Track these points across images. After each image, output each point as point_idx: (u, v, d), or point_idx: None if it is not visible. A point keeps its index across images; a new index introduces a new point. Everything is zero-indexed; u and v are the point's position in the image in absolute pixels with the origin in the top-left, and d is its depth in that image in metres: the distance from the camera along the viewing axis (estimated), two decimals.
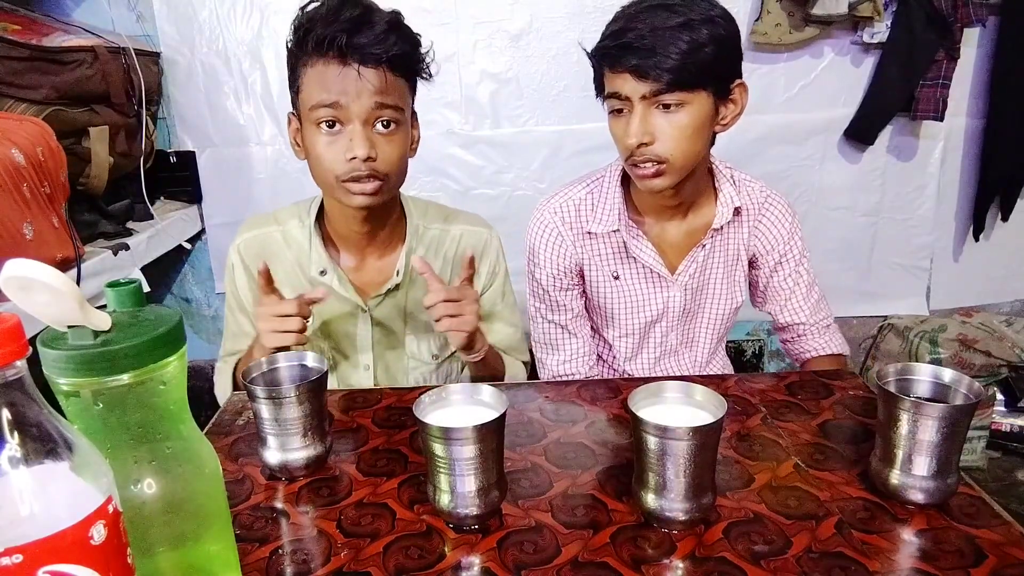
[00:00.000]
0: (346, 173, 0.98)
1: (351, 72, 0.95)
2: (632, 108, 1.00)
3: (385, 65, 0.96)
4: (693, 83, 0.97)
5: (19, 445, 0.38)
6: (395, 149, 1.01)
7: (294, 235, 1.14)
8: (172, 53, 2.07)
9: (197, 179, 2.17)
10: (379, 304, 1.13)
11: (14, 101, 1.48)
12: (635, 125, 0.99)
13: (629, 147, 1.01)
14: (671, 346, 1.25)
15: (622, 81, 0.99)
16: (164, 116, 2.14)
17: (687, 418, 0.67)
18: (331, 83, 0.96)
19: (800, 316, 1.23)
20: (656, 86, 0.96)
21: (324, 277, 1.11)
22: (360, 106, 0.96)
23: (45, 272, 0.43)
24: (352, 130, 0.97)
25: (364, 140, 0.97)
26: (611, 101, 1.03)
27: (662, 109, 0.99)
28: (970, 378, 0.71)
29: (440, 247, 1.17)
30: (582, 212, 1.18)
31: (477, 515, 0.67)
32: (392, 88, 0.98)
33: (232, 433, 0.89)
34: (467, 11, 2.04)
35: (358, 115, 0.96)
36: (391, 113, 0.99)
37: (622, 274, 1.19)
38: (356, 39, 0.94)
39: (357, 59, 0.95)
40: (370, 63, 0.95)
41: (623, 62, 0.97)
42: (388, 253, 1.15)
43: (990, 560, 0.62)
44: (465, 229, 1.19)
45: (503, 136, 2.15)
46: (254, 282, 1.15)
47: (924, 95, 2.04)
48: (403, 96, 1.01)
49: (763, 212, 1.19)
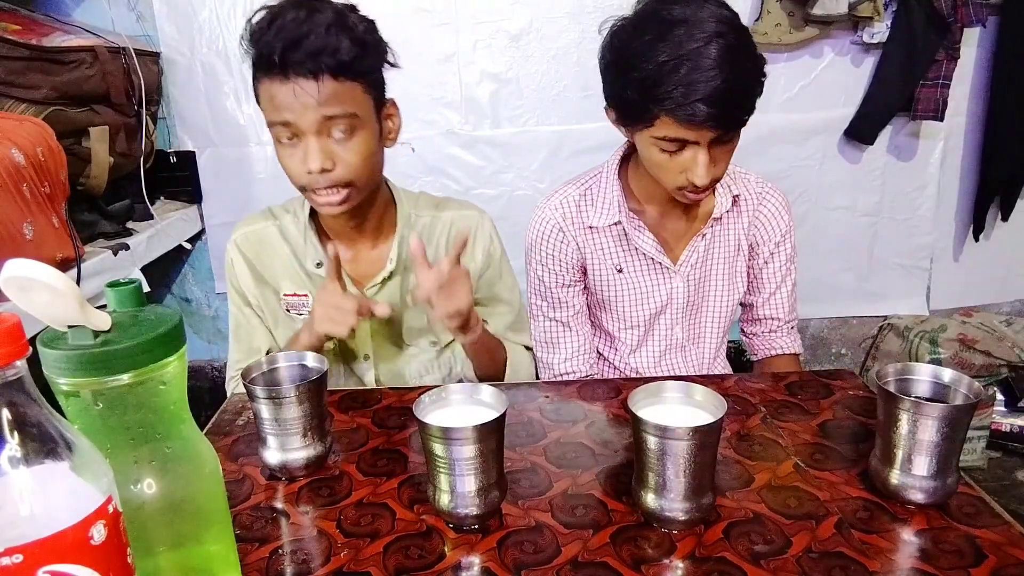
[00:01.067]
0: (308, 184, 0.99)
1: (293, 88, 0.93)
2: (695, 149, 0.98)
3: (327, 74, 0.93)
4: (751, 112, 0.99)
5: (19, 445, 0.38)
6: (355, 155, 0.99)
7: (289, 230, 1.15)
8: (172, 53, 2.07)
9: (197, 179, 2.17)
10: (376, 294, 1.14)
11: (14, 101, 1.48)
12: (704, 167, 0.98)
13: (696, 185, 1.00)
14: (677, 340, 1.26)
15: (693, 131, 0.96)
16: (164, 116, 2.14)
17: (687, 418, 0.67)
18: (278, 101, 0.95)
19: (779, 312, 1.26)
20: (729, 129, 0.97)
21: (320, 269, 1.12)
22: (307, 121, 0.95)
23: (45, 272, 0.43)
24: (306, 144, 0.97)
25: (317, 153, 0.96)
26: (667, 144, 0.99)
27: (720, 144, 0.99)
28: (970, 378, 0.71)
29: (432, 234, 1.17)
30: (582, 207, 1.18)
31: (477, 515, 0.67)
32: (340, 96, 0.95)
33: (232, 433, 0.89)
34: (467, 11, 2.03)
35: (308, 129, 0.96)
36: (343, 122, 0.97)
37: (625, 266, 1.19)
38: (292, 54, 0.92)
39: (296, 73, 0.93)
40: (309, 76, 0.93)
41: (702, 115, 0.93)
42: (381, 243, 1.16)
43: (990, 560, 0.62)
44: (456, 214, 1.19)
45: (503, 136, 2.15)
46: (257, 275, 1.16)
47: (924, 95, 2.04)
48: (356, 99, 0.98)
49: (761, 202, 1.21)
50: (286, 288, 1.15)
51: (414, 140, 2.14)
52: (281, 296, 1.16)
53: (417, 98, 2.10)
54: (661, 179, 1.06)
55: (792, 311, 1.26)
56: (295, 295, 1.15)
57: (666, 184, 1.05)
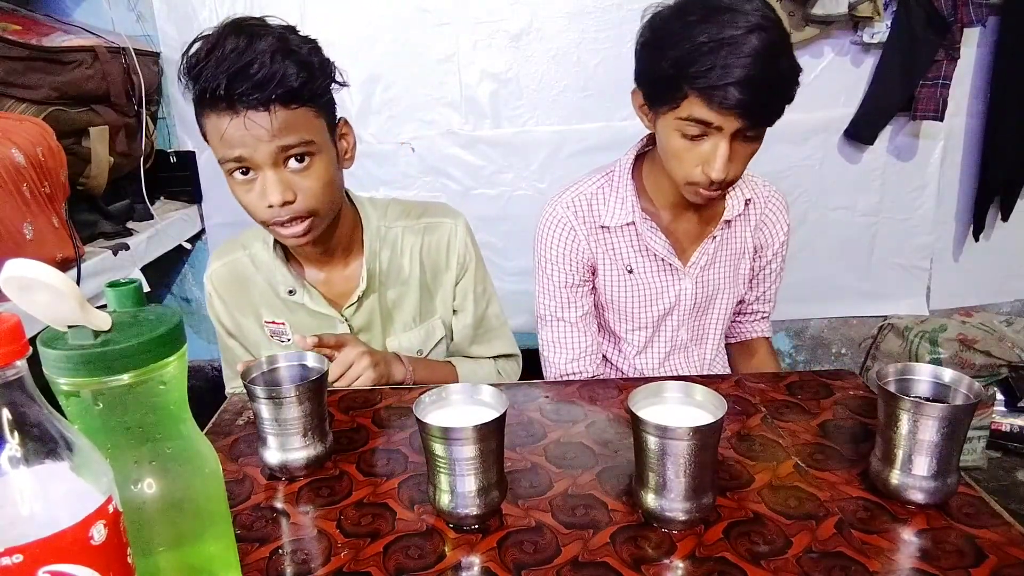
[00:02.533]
0: (269, 219, 0.98)
1: (243, 121, 0.90)
2: (717, 138, 0.98)
3: (278, 103, 0.90)
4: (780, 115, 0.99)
5: (19, 445, 0.38)
6: (314, 183, 0.96)
7: (261, 257, 1.13)
8: (172, 53, 2.06)
9: (197, 179, 2.17)
10: (355, 312, 1.14)
11: (14, 101, 1.48)
12: (723, 159, 0.98)
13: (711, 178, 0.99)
14: (682, 341, 1.26)
15: (720, 116, 0.95)
16: (164, 116, 2.14)
17: (687, 418, 0.67)
18: (228, 136, 0.91)
19: (767, 306, 1.33)
20: (755, 122, 0.97)
21: (294, 296, 1.11)
22: (263, 154, 0.92)
23: (45, 272, 0.43)
24: (263, 178, 0.94)
25: (276, 185, 0.93)
26: (690, 126, 0.98)
27: (743, 139, 0.99)
28: (970, 378, 0.70)
29: (404, 246, 1.16)
30: (594, 206, 1.18)
31: (477, 515, 0.67)
32: (293, 124, 0.92)
33: (232, 433, 0.89)
34: (467, 11, 2.03)
35: (264, 162, 0.93)
36: (299, 149, 0.94)
37: (636, 267, 1.19)
38: (237, 86, 0.87)
39: (244, 106, 0.89)
40: (259, 108, 0.89)
41: (731, 100, 0.93)
42: (352, 260, 1.15)
43: (990, 560, 0.62)
44: (427, 223, 1.17)
45: (503, 136, 2.15)
46: (233, 308, 1.16)
47: (924, 95, 2.04)
48: (309, 125, 0.94)
49: (768, 206, 1.22)
50: (266, 315, 1.15)
51: (414, 140, 2.14)
52: (263, 323, 1.16)
53: (417, 98, 2.10)
54: (676, 172, 1.05)
55: (774, 303, 1.33)
56: (274, 322, 1.15)
57: (680, 177, 1.04)
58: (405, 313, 1.18)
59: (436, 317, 1.20)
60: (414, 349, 1.19)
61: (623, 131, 1.97)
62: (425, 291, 1.18)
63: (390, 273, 1.15)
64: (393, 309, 1.17)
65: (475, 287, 1.21)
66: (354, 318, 1.14)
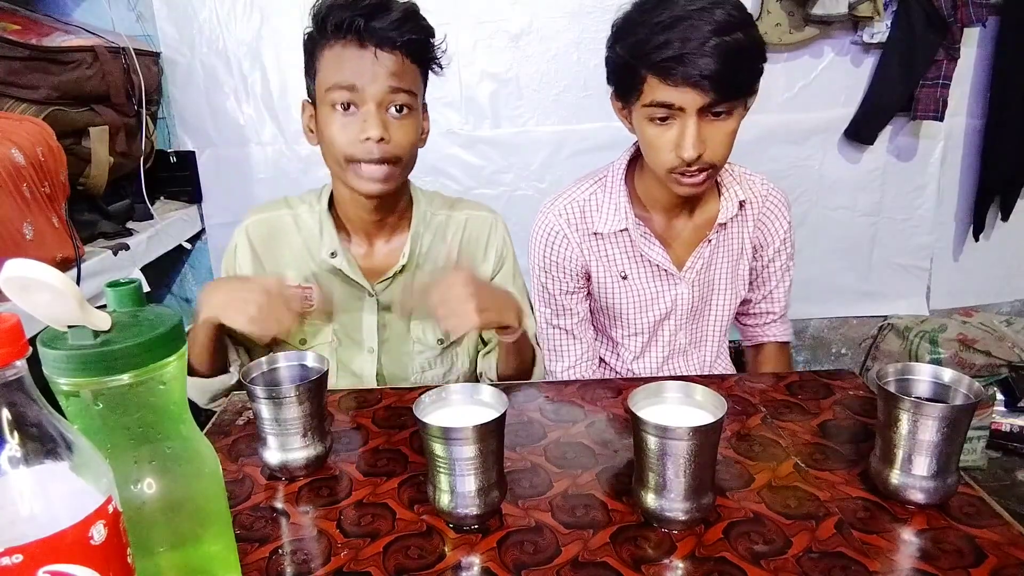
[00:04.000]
0: (359, 154, 1.01)
1: (368, 55, 0.98)
2: (684, 118, 0.98)
3: (401, 50, 0.99)
4: (744, 90, 0.98)
5: (19, 445, 0.38)
6: (407, 134, 1.03)
7: (305, 219, 1.15)
8: (172, 53, 2.07)
9: (197, 179, 2.17)
10: (386, 288, 1.14)
11: (14, 101, 1.48)
12: (692, 138, 0.98)
13: (685, 160, 0.99)
14: (680, 345, 1.25)
15: (677, 93, 0.96)
16: (164, 116, 2.13)
17: (687, 418, 0.67)
18: (348, 65, 0.98)
19: (776, 307, 1.28)
20: (715, 96, 0.95)
21: (334, 259, 1.12)
22: (375, 88, 0.98)
23: (45, 272, 0.43)
24: (366, 112, 0.99)
25: (378, 121, 0.99)
26: (655, 110, 1.00)
27: (712, 117, 0.99)
28: (970, 378, 0.70)
29: (446, 232, 1.18)
30: (587, 213, 1.17)
31: (477, 515, 0.67)
32: (407, 73, 1.01)
33: (232, 433, 0.89)
34: (467, 11, 2.03)
35: (373, 97, 0.99)
36: (405, 97, 1.01)
37: (630, 273, 1.19)
38: (373, 23, 0.97)
39: (374, 42, 0.97)
40: (386, 47, 0.98)
41: (680, 73, 0.94)
42: (395, 238, 1.16)
43: (990, 560, 0.62)
44: (470, 215, 1.20)
45: (503, 136, 2.15)
46: (264, 261, 1.15)
47: (924, 95, 2.04)
48: (416, 82, 1.03)
49: (766, 205, 1.20)
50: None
51: None
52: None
53: None
54: (655, 163, 1.05)
55: (786, 304, 1.29)
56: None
57: (659, 167, 1.04)
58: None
59: None
60: (437, 337, 1.19)
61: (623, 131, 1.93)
62: None
63: (428, 257, 1.16)
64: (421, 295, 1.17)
65: (514, 280, 1.22)
66: (383, 294, 1.15)
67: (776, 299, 1.28)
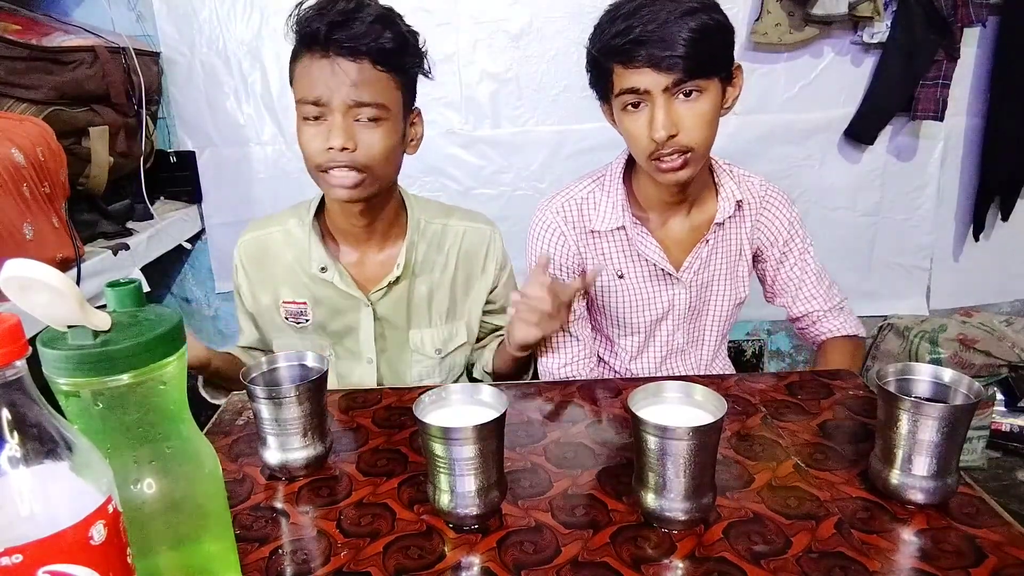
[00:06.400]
0: (324, 163, 1.00)
1: (330, 65, 0.97)
2: (652, 101, 0.99)
3: (367, 59, 0.97)
4: (709, 69, 0.98)
5: (19, 445, 0.38)
6: (377, 141, 1.01)
7: (294, 233, 1.15)
8: (172, 53, 2.07)
9: (197, 179, 2.17)
10: (381, 298, 1.14)
11: (14, 101, 1.48)
12: (661, 118, 0.98)
13: (657, 141, 0.99)
14: (678, 345, 1.25)
15: (640, 76, 0.98)
16: (164, 116, 2.14)
17: (687, 418, 0.67)
18: (314, 77, 0.98)
19: (813, 304, 1.24)
20: (676, 75, 0.96)
21: (324, 274, 1.12)
22: (339, 99, 0.97)
23: (45, 272, 0.43)
24: (332, 121, 0.99)
25: (341, 131, 0.98)
26: (625, 97, 1.01)
27: (682, 98, 0.99)
28: (970, 378, 0.70)
29: (443, 242, 1.18)
30: (584, 211, 1.17)
31: (477, 515, 0.67)
32: (375, 84, 0.99)
33: (232, 433, 0.89)
34: (467, 11, 2.03)
35: (337, 107, 0.98)
36: (371, 110, 0.99)
37: (627, 272, 1.18)
38: (337, 33, 0.96)
39: (336, 52, 0.97)
40: (348, 56, 0.97)
41: (640, 56, 0.96)
42: (389, 246, 1.16)
43: (990, 560, 0.62)
44: (468, 226, 1.19)
45: (503, 136, 2.15)
46: (255, 283, 1.16)
47: (924, 95, 2.03)
48: (388, 92, 1.01)
49: (764, 205, 1.20)
50: (285, 295, 1.15)
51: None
52: (280, 304, 1.16)
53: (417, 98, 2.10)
54: (635, 151, 1.06)
55: (829, 298, 1.24)
56: (293, 303, 1.15)
57: (639, 154, 1.05)
58: (432, 309, 1.18)
59: (462, 321, 1.21)
60: (435, 347, 1.19)
61: None
62: (455, 292, 1.19)
63: (424, 266, 1.16)
64: (421, 303, 1.17)
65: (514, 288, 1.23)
66: (379, 304, 1.15)
67: (808, 297, 1.23)
